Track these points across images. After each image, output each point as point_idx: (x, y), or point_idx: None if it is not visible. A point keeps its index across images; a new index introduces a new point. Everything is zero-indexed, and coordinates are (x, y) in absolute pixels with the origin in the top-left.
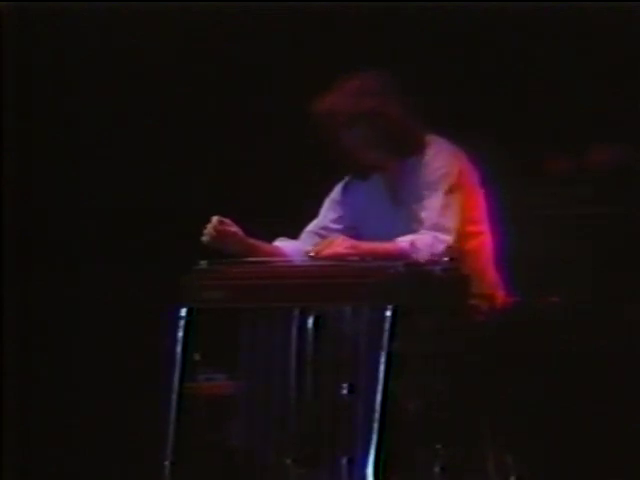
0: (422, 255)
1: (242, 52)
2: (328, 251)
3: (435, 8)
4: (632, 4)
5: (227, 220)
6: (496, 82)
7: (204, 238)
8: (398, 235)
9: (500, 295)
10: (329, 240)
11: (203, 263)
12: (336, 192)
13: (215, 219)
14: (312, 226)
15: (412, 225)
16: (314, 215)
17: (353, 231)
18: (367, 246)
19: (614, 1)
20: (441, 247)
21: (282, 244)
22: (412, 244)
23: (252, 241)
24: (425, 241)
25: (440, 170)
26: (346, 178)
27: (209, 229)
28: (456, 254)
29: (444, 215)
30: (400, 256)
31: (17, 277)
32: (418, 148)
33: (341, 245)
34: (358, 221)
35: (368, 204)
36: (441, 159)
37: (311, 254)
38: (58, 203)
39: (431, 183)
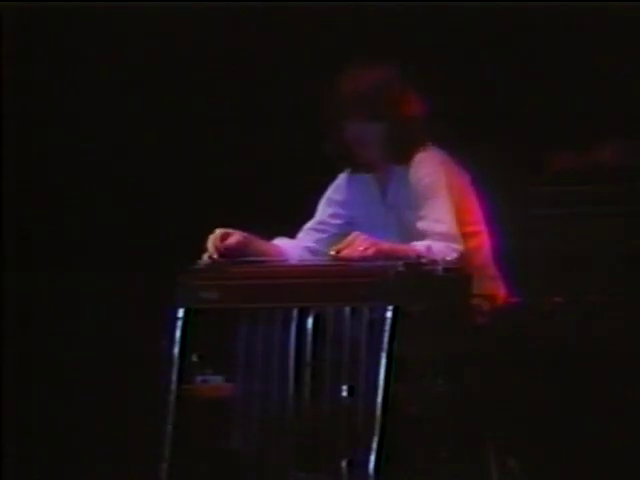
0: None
1: (242, 51)
2: (349, 250)
3: (432, 10)
4: (632, 4)
5: (230, 232)
6: (497, 81)
7: (207, 256)
8: (389, 236)
9: (501, 295)
10: (349, 239)
11: (200, 263)
12: (331, 190)
13: (219, 233)
14: (310, 222)
15: (402, 230)
16: (311, 214)
17: (351, 227)
18: (387, 246)
19: (615, 1)
20: (454, 255)
21: (281, 243)
22: (429, 249)
23: (253, 243)
24: (440, 247)
25: (427, 178)
26: (340, 176)
27: (212, 247)
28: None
29: (450, 222)
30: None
31: (17, 277)
32: (414, 155)
33: (362, 244)
34: (354, 217)
35: (361, 202)
36: (426, 166)
37: (331, 253)
38: (57, 203)
39: (422, 191)
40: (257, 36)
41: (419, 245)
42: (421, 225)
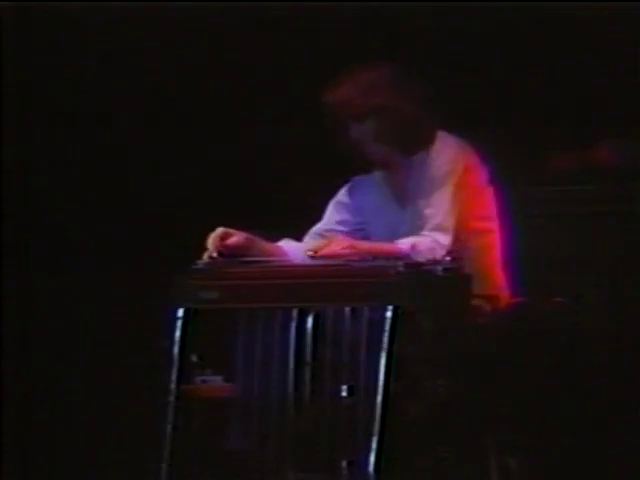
0: (422, 258)
1: (243, 51)
2: (326, 250)
3: (432, 9)
4: (632, 4)
5: (231, 231)
6: (507, 79)
7: (207, 254)
8: (405, 235)
9: (504, 297)
10: (328, 239)
11: (200, 263)
12: (341, 194)
13: (219, 231)
14: (317, 228)
15: (417, 222)
16: (319, 217)
17: (360, 233)
18: (366, 246)
19: (617, 1)
20: (442, 252)
21: (285, 245)
22: (413, 247)
23: (255, 244)
24: (426, 245)
25: (445, 166)
26: (351, 180)
27: (212, 245)
28: (457, 254)
29: (448, 214)
30: (399, 257)
31: (16, 277)
32: (426, 145)
33: (340, 244)
34: (365, 223)
35: (374, 205)
36: (446, 155)
37: (309, 253)
38: (57, 204)
39: (436, 179)
40: (262, 35)
41: (402, 243)
42: (427, 211)
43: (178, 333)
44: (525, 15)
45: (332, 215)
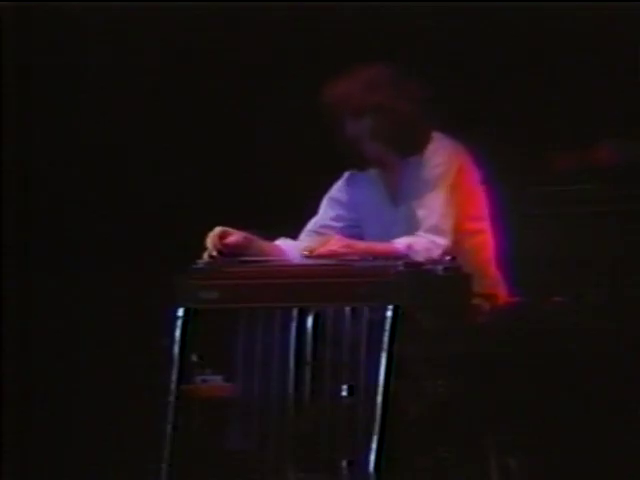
0: (419, 258)
1: (242, 50)
2: (322, 250)
3: (432, 9)
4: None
5: (229, 230)
6: (502, 79)
7: (206, 254)
8: (399, 235)
9: (502, 295)
10: (324, 239)
11: (200, 262)
12: (335, 190)
13: (218, 230)
14: (312, 225)
15: (411, 223)
16: (314, 214)
17: (355, 229)
18: (363, 246)
19: (616, 1)
20: (438, 252)
21: (283, 244)
22: (409, 247)
23: (254, 243)
24: (422, 245)
25: (439, 167)
26: (345, 175)
27: (211, 245)
28: (453, 255)
29: (443, 216)
30: (396, 257)
31: (16, 277)
32: (421, 146)
33: (336, 244)
34: (359, 219)
35: (369, 202)
36: (440, 156)
37: (305, 253)
38: (57, 204)
39: (429, 181)
40: (260, 34)
41: (399, 243)
42: (421, 213)
43: (178, 333)
44: (525, 15)
45: (327, 211)
